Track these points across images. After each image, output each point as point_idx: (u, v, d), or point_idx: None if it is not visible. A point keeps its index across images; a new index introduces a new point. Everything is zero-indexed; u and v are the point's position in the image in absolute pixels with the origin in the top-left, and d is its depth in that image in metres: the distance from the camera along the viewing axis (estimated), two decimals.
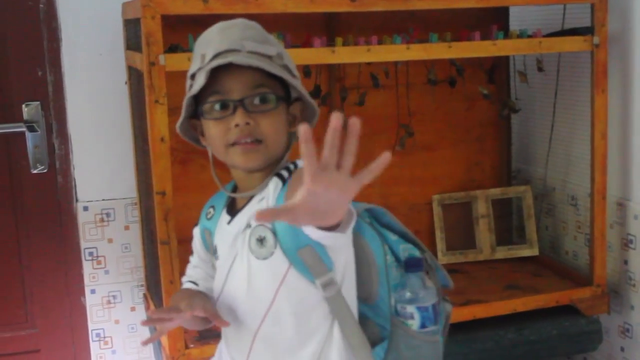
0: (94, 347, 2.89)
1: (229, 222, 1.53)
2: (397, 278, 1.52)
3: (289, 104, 1.51)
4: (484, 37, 2.47)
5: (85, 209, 2.80)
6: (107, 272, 2.85)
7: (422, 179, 2.98)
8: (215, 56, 1.43)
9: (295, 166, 1.48)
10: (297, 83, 1.49)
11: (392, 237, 1.55)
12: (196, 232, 1.69)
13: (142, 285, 2.86)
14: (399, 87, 2.82)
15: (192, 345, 2.31)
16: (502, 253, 2.96)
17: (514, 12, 2.94)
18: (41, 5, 2.69)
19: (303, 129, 1.03)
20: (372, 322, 1.54)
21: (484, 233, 2.96)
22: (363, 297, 1.53)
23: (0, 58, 2.69)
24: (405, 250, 1.55)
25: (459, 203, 3.01)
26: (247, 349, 1.51)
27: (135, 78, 2.53)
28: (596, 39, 2.49)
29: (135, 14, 2.24)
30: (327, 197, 1.08)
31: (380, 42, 2.39)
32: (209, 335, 2.38)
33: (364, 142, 3.04)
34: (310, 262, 1.40)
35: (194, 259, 1.72)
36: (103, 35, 2.71)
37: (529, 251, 2.96)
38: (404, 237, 1.57)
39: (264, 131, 1.45)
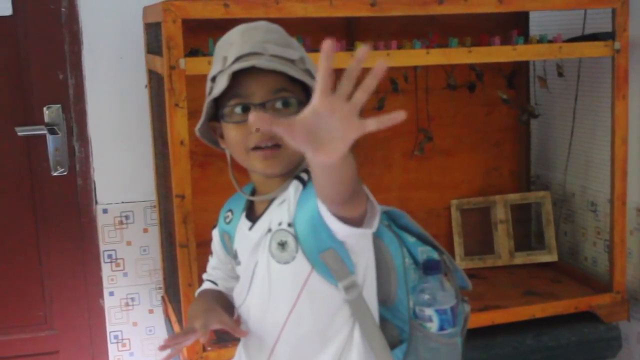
0: (112, 349, 2.90)
1: (250, 228, 1.51)
2: (415, 280, 1.52)
3: None
4: (504, 42, 2.46)
5: (105, 211, 2.82)
6: (125, 274, 2.87)
7: (441, 183, 2.98)
8: (238, 59, 1.41)
9: None
10: None
11: (410, 240, 1.55)
12: (215, 233, 1.68)
13: (160, 288, 2.87)
14: (418, 91, 2.82)
15: (209, 349, 2.31)
16: (520, 259, 2.95)
17: (534, 17, 2.93)
18: (63, 9, 2.71)
19: (327, 43, 1.00)
20: (391, 324, 1.53)
21: (502, 238, 2.95)
22: (382, 299, 1.52)
23: (22, 61, 2.72)
24: (424, 252, 1.54)
25: (478, 208, 3.01)
26: (269, 351, 1.50)
27: (155, 81, 2.54)
28: (617, 44, 2.47)
29: (156, 17, 2.25)
30: (328, 123, 1.04)
31: (399, 47, 2.39)
32: (227, 338, 2.38)
33: (383, 145, 3.05)
34: (332, 265, 1.39)
35: (213, 261, 1.72)
36: (124, 38, 2.72)
37: (548, 257, 2.94)
38: (422, 239, 1.56)
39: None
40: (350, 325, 1.46)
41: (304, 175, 1.44)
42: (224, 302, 1.63)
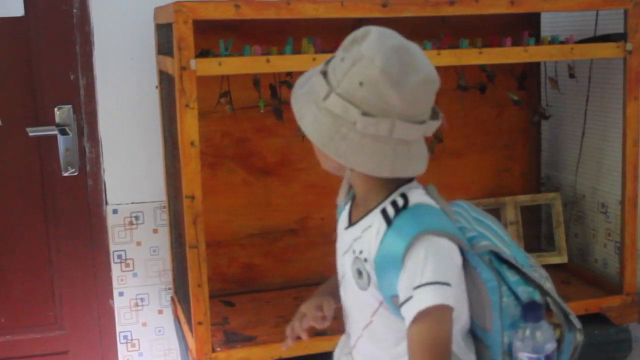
0: (121, 349, 2.91)
1: (346, 228, 1.56)
2: (515, 316, 1.51)
3: None
4: (515, 43, 2.46)
5: (115, 211, 2.82)
6: (135, 274, 2.87)
7: (451, 184, 2.97)
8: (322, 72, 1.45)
9: (406, 201, 1.46)
10: (323, 131, 1.40)
11: (512, 278, 1.51)
12: None
13: (169, 289, 2.87)
14: None
15: (218, 349, 2.31)
16: None
17: (545, 18, 2.93)
18: (74, 10, 2.71)
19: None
20: (488, 353, 1.55)
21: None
22: (482, 326, 1.53)
23: (34, 61, 2.72)
24: (525, 292, 1.52)
25: (488, 209, 2.98)
26: (354, 343, 1.60)
27: (166, 82, 2.55)
28: (629, 46, 2.47)
29: (168, 18, 2.26)
30: None
31: None
32: (236, 339, 2.39)
33: None
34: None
35: None
36: (135, 39, 2.72)
37: (558, 259, 2.94)
38: (525, 277, 1.53)
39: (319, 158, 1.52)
40: None
41: (390, 210, 1.44)
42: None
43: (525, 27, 2.69)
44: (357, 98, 1.37)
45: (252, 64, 2.23)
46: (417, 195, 1.48)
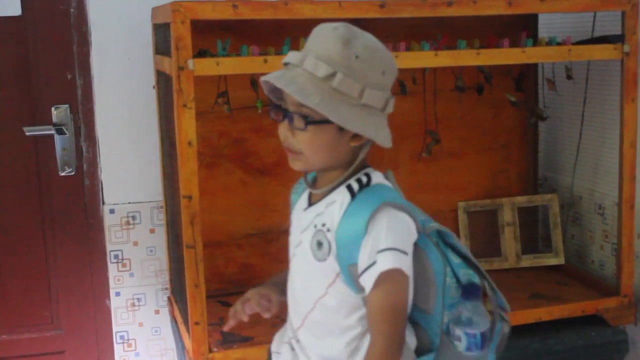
0: (117, 349, 2.91)
1: (304, 209, 1.65)
2: (455, 298, 1.60)
3: None
4: (513, 45, 2.46)
5: (112, 211, 2.82)
6: (132, 274, 2.87)
7: (448, 185, 2.97)
8: (285, 64, 1.54)
9: (369, 179, 1.57)
10: (335, 108, 1.48)
11: (455, 260, 1.62)
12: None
13: (166, 289, 2.87)
14: (426, 93, 2.82)
15: (215, 349, 2.31)
16: (527, 261, 2.94)
17: (543, 20, 2.93)
18: (72, 10, 2.71)
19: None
20: (425, 333, 1.63)
21: (509, 241, 2.94)
22: (422, 308, 1.61)
23: (31, 61, 2.72)
24: (466, 275, 1.62)
25: (485, 210, 3.00)
26: (301, 321, 1.65)
27: (163, 82, 2.54)
28: (627, 47, 2.47)
29: (165, 18, 2.25)
30: None
31: (408, 49, 2.39)
32: (233, 339, 2.38)
33: (391, 148, 3.03)
34: (356, 277, 1.52)
35: None
36: (132, 39, 2.72)
37: (555, 260, 2.94)
38: (467, 261, 1.64)
39: (300, 145, 1.55)
40: (366, 322, 1.58)
41: (354, 185, 1.56)
42: None
43: (522, 28, 2.70)
44: (379, 86, 1.53)
45: (249, 64, 2.23)
46: (379, 177, 1.59)
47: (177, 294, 2.61)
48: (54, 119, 2.75)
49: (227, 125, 2.73)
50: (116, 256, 2.84)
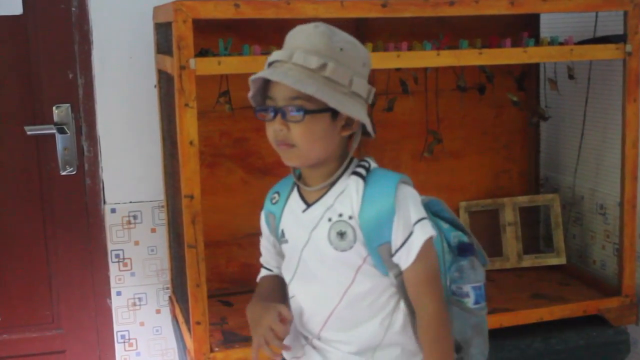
0: (118, 348, 2.90)
1: (303, 211, 1.65)
2: (449, 262, 1.71)
3: (336, 112, 1.57)
4: (515, 44, 2.46)
5: (113, 211, 2.82)
6: (133, 274, 2.86)
7: (450, 185, 2.97)
8: (270, 64, 1.58)
9: (369, 164, 1.63)
10: (343, 93, 1.55)
11: (444, 226, 1.73)
12: (262, 215, 1.84)
13: (167, 288, 2.87)
14: (428, 93, 2.82)
15: (216, 349, 2.31)
16: (529, 261, 2.94)
17: (545, 19, 2.92)
18: (73, 9, 2.71)
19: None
20: None
21: (511, 241, 2.94)
22: None
23: (32, 60, 2.72)
24: (456, 237, 1.73)
25: (486, 210, 3.00)
26: (322, 323, 1.65)
27: (165, 81, 2.54)
28: (629, 47, 2.47)
29: (167, 17, 2.25)
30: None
31: (410, 48, 2.38)
32: (234, 339, 2.38)
33: (392, 147, 3.04)
34: (386, 257, 1.58)
35: (263, 241, 1.88)
36: (134, 38, 2.72)
37: (557, 260, 2.94)
38: (453, 224, 1.75)
39: (295, 138, 1.57)
40: (397, 297, 1.64)
41: (361, 171, 1.61)
42: (281, 288, 1.78)
43: (524, 28, 2.70)
44: (362, 76, 1.60)
45: (251, 64, 2.22)
46: (373, 161, 1.66)
47: (178, 294, 2.61)
48: (55, 118, 2.75)
49: (229, 124, 2.72)
50: (117, 255, 2.84)
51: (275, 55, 1.57)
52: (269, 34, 2.53)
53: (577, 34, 2.61)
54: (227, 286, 2.80)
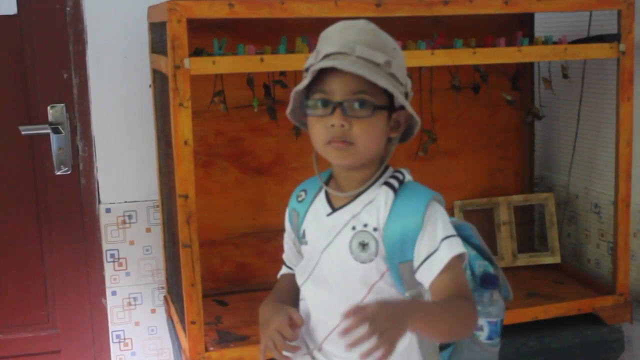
0: (114, 348, 2.90)
1: (328, 215, 1.59)
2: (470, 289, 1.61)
3: (392, 111, 1.54)
4: (509, 43, 2.46)
5: (108, 210, 2.82)
6: (128, 274, 2.86)
7: (444, 184, 2.97)
8: (327, 56, 1.49)
9: (403, 176, 1.57)
10: (402, 92, 1.52)
11: (471, 252, 1.65)
12: (287, 212, 1.76)
13: (162, 288, 2.87)
14: (422, 92, 2.82)
15: (211, 349, 2.31)
16: (523, 260, 2.95)
17: (539, 19, 2.93)
18: (68, 8, 2.71)
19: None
20: None
21: (505, 240, 2.95)
22: None
23: (27, 60, 2.71)
24: (481, 266, 1.67)
25: (481, 209, 3.00)
26: (326, 335, 1.58)
27: (159, 81, 2.54)
28: (622, 46, 2.47)
29: (161, 17, 2.25)
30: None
31: (404, 48, 2.38)
32: (229, 338, 2.38)
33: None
34: (406, 275, 1.51)
35: (286, 237, 1.78)
36: (128, 38, 2.72)
37: (551, 259, 2.94)
38: (482, 253, 1.68)
39: (356, 135, 1.49)
40: None
41: (394, 182, 1.55)
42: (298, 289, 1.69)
43: (519, 27, 2.70)
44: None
45: (246, 63, 2.22)
46: (408, 174, 1.60)
47: (174, 293, 2.61)
48: (50, 118, 2.74)
49: (224, 124, 2.72)
50: (112, 255, 2.84)
51: (331, 47, 1.50)
52: (263, 33, 2.53)
53: (571, 33, 2.62)
54: (222, 286, 2.80)
